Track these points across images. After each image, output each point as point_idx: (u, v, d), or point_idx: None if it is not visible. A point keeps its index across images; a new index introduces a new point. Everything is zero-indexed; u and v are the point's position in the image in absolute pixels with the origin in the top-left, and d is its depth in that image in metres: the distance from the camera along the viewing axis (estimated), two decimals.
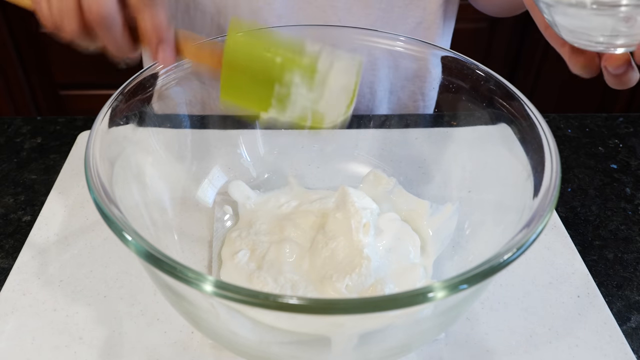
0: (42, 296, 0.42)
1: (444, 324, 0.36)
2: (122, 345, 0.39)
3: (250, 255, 0.43)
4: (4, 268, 0.46)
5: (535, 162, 0.37)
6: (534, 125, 0.38)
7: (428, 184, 0.49)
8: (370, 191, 0.47)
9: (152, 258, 0.28)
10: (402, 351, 0.35)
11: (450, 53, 0.46)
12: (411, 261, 0.42)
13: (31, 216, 0.51)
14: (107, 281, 0.44)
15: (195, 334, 0.40)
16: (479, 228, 0.43)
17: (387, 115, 0.62)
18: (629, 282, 0.46)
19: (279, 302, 0.26)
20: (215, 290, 0.26)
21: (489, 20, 1.38)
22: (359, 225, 0.41)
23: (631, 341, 0.41)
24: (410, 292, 0.26)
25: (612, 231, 0.51)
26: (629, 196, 0.55)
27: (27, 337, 0.40)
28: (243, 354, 0.35)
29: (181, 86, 0.45)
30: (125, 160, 0.39)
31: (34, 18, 0.39)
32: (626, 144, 0.62)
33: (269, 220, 0.46)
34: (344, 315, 0.27)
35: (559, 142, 0.62)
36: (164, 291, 0.34)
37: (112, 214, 0.30)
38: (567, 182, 0.57)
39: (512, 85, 0.41)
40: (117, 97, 0.39)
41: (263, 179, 0.51)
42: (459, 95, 0.46)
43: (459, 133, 0.49)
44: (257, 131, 0.53)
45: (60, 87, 1.50)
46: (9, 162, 0.57)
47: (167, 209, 0.44)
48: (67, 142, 0.60)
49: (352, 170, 0.52)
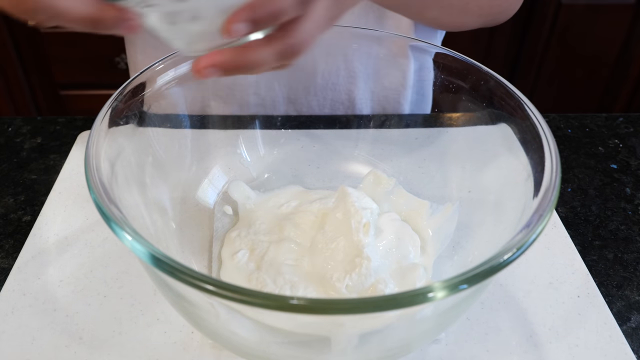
0: (42, 296, 0.42)
1: (444, 324, 0.36)
2: (122, 345, 0.39)
3: (250, 255, 0.43)
4: (4, 268, 0.46)
5: (535, 162, 0.37)
6: (534, 125, 0.38)
7: (428, 184, 0.49)
8: (370, 191, 0.47)
9: (152, 258, 0.28)
10: (402, 351, 0.35)
11: (449, 52, 0.46)
12: (411, 261, 0.42)
13: (31, 216, 0.51)
14: (107, 281, 0.44)
15: (195, 334, 0.40)
16: (479, 228, 0.43)
17: (387, 115, 0.63)
18: (629, 282, 0.46)
19: (278, 302, 0.26)
20: (215, 290, 0.26)
21: None
22: (359, 225, 0.41)
23: (631, 341, 0.41)
24: (410, 292, 0.26)
25: (612, 231, 0.51)
26: (629, 196, 0.55)
27: (27, 337, 0.40)
28: (243, 354, 0.35)
29: (181, 86, 0.45)
30: (125, 160, 0.39)
31: None
32: (626, 144, 0.62)
33: (268, 220, 0.46)
34: (344, 315, 0.27)
35: (559, 142, 0.62)
36: (164, 291, 0.34)
37: (112, 214, 0.30)
38: (567, 182, 0.57)
39: (512, 85, 0.41)
40: (117, 97, 0.39)
41: (263, 179, 0.51)
42: (459, 95, 0.46)
43: (459, 133, 0.49)
44: (257, 131, 0.53)
45: (60, 87, 1.50)
46: (9, 162, 0.57)
47: (167, 209, 0.44)
48: (67, 142, 0.60)
49: (352, 170, 0.52)
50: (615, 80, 1.52)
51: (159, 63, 0.43)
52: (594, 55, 1.48)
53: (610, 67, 1.50)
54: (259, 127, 0.53)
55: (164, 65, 0.43)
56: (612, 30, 1.44)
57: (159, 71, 0.43)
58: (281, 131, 0.54)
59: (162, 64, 0.43)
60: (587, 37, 1.44)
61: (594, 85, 1.54)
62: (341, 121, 0.58)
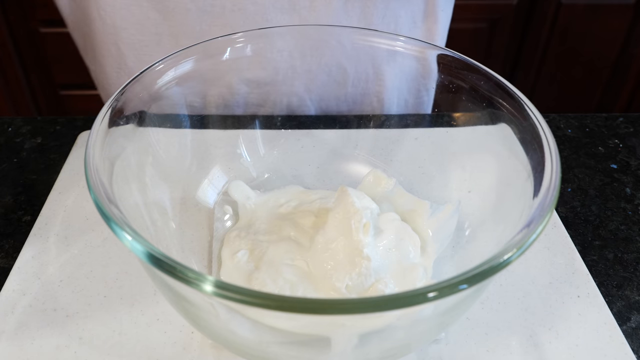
0: (42, 296, 0.42)
1: (444, 324, 0.36)
2: (122, 345, 0.39)
3: (250, 255, 0.43)
4: (4, 268, 0.45)
5: (535, 162, 0.37)
6: (534, 125, 0.38)
7: (428, 184, 0.49)
8: (370, 191, 0.47)
9: (152, 258, 0.28)
10: (402, 351, 0.35)
11: (450, 52, 0.46)
12: (411, 261, 0.42)
13: (31, 216, 0.51)
14: (107, 281, 0.44)
15: (195, 334, 0.40)
16: (479, 228, 0.43)
17: (387, 115, 0.63)
18: (629, 282, 0.46)
19: (278, 302, 0.26)
20: (215, 290, 0.26)
21: (489, 21, 1.38)
22: (359, 225, 0.41)
23: (631, 341, 0.41)
24: (410, 292, 0.26)
25: (612, 231, 0.51)
26: (629, 196, 0.55)
27: (27, 337, 0.40)
28: (243, 354, 0.35)
29: (181, 86, 0.45)
30: (125, 160, 0.39)
31: (34, 17, 0.38)
32: (626, 144, 0.62)
33: (268, 220, 0.46)
34: (344, 315, 0.27)
35: (559, 142, 0.62)
36: (164, 291, 0.34)
37: (112, 214, 0.30)
38: (567, 182, 0.57)
39: (512, 85, 0.41)
40: (117, 97, 0.39)
41: (263, 179, 0.51)
42: (459, 95, 0.46)
43: (459, 133, 0.49)
44: (257, 131, 0.53)
45: (60, 87, 1.50)
46: (9, 162, 0.57)
47: (167, 209, 0.44)
48: (67, 142, 0.60)
49: (352, 170, 0.52)
50: (615, 80, 1.52)
51: (159, 63, 0.43)
52: (594, 55, 1.48)
53: (610, 67, 1.50)
54: (259, 127, 0.53)
55: (163, 65, 0.43)
56: (612, 30, 1.44)
57: (159, 71, 0.43)
58: (281, 131, 0.54)
59: (161, 64, 0.43)
60: (587, 37, 1.44)
61: (594, 85, 1.54)
62: (341, 121, 0.58)
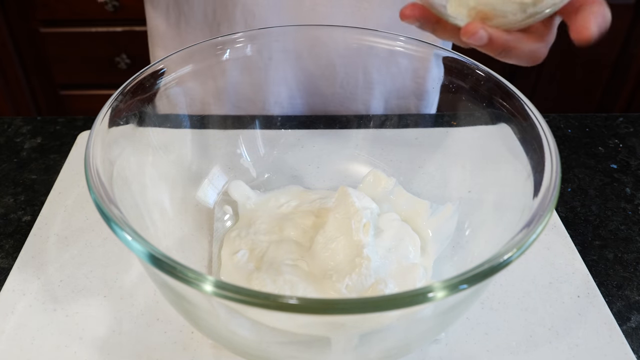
0: (42, 296, 0.42)
1: (444, 324, 0.36)
2: (122, 345, 0.39)
3: (250, 255, 0.43)
4: (4, 268, 0.46)
5: (535, 162, 0.37)
6: (534, 125, 0.38)
7: (428, 184, 0.49)
8: (370, 191, 0.47)
9: (152, 258, 0.28)
10: (402, 351, 0.35)
11: (450, 53, 0.46)
12: (411, 261, 0.42)
13: (31, 216, 0.51)
14: (107, 281, 0.44)
15: (195, 334, 0.40)
16: (479, 228, 0.43)
17: (387, 115, 0.63)
18: (629, 282, 0.46)
19: (278, 302, 0.26)
20: (215, 290, 0.26)
21: None
22: (359, 225, 0.41)
23: (631, 341, 0.41)
24: (410, 292, 0.26)
25: (612, 231, 0.51)
26: (629, 196, 0.55)
27: (27, 337, 0.40)
28: (243, 354, 0.35)
29: (181, 86, 0.45)
30: (125, 160, 0.39)
31: (34, 17, 0.39)
32: (626, 144, 0.62)
33: (268, 220, 0.46)
34: (344, 315, 0.27)
35: (559, 142, 0.62)
36: (164, 291, 0.34)
37: (112, 214, 0.30)
38: (567, 182, 0.57)
39: (512, 85, 0.41)
40: (117, 97, 0.39)
41: (263, 179, 0.51)
42: (459, 95, 0.46)
43: (459, 133, 0.49)
44: (257, 131, 0.53)
45: (60, 87, 1.50)
46: (9, 162, 0.57)
47: (167, 209, 0.44)
48: (67, 142, 0.60)
49: (352, 170, 0.52)
50: (615, 80, 1.52)
51: (159, 63, 0.43)
52: (594, 55, 1.48)
53: (610, 67, 1.50)
54: (259, 127, 0.53)
55: (164, 65, 0.43)
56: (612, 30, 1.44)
57: (159, 71, 0.43)
58: (281, 131, 0.54)
59: (162, 64, 0.43)
60: None
61: (594, 85, 1.54)
62: (341, 121, 0.58)
